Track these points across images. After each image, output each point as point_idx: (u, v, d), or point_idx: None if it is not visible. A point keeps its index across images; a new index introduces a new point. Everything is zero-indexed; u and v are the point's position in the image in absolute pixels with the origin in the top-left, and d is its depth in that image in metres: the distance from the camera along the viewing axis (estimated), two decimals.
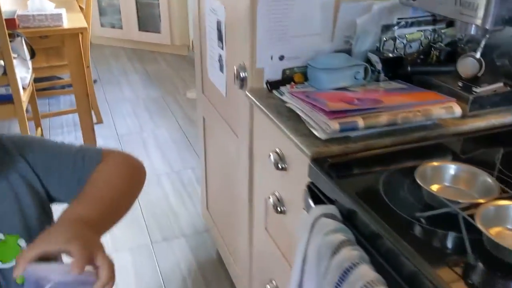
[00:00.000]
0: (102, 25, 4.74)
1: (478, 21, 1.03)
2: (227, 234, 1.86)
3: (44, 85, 3.45)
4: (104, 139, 3.06)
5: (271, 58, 1.29)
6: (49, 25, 2.52)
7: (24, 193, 0.78)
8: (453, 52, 1.28)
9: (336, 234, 0.84)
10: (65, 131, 3.20)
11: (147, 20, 4.56)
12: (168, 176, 2.70)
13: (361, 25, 1.28)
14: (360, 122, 1.02)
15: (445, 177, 0.88)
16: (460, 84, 1.15)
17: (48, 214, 0.83)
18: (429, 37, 1.34)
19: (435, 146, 1.04)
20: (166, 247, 2.19)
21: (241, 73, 1.33)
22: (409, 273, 0.74)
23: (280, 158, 1.20)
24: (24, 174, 0.78)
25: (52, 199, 0.84)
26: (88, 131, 3.00)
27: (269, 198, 1.28)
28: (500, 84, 1.15)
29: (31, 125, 2.89)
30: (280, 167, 1.19)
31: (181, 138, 3.09)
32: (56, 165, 0.81)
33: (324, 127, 1.02)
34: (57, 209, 0.80)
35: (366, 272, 0.76)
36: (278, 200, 1.26)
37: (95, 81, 3.91)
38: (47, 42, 2.70)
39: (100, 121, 3.26)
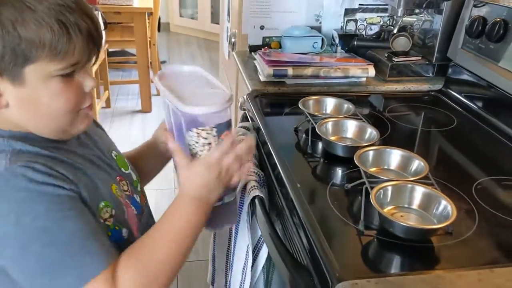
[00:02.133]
0: (181, 15, 5.32)
1: (394, 4, 1.32)
2: None
3: (120, 59, 4.10)
4: (158, 108, 3.55)
5: (254, 27, 1.64)
6: (122, 4, 3.06)
7: None
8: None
9: (241, 130, 1.18)
10: (129, 98, 3.74)
11: (219, 14, 5.05)
12: None
13: (327, 6, 1.60)
14: (290, 71, 1.35)
15: (324, 107, 1.19)
16: (386, 55, 1.43)
17: None
18: (387, 22, 1.62)
19: (348, 98, 1.34)
20: None
21: (232, 38, 1.70)
22: (267, 152, 1.07)
23: (245, 101, 1.55)
24: None
25: None
26: (146, 100, 3.52)
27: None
28: (418, 58, 1.41)
29: (100, 89, 3.46)
30: (243, 108, 1.54)
31: None
32: None
33: (264, 72, 1.36)
34: None
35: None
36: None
37: (164, 62, 4.46)
38: (119, 18, 3.24)
39: (159, 93, 3.76)
